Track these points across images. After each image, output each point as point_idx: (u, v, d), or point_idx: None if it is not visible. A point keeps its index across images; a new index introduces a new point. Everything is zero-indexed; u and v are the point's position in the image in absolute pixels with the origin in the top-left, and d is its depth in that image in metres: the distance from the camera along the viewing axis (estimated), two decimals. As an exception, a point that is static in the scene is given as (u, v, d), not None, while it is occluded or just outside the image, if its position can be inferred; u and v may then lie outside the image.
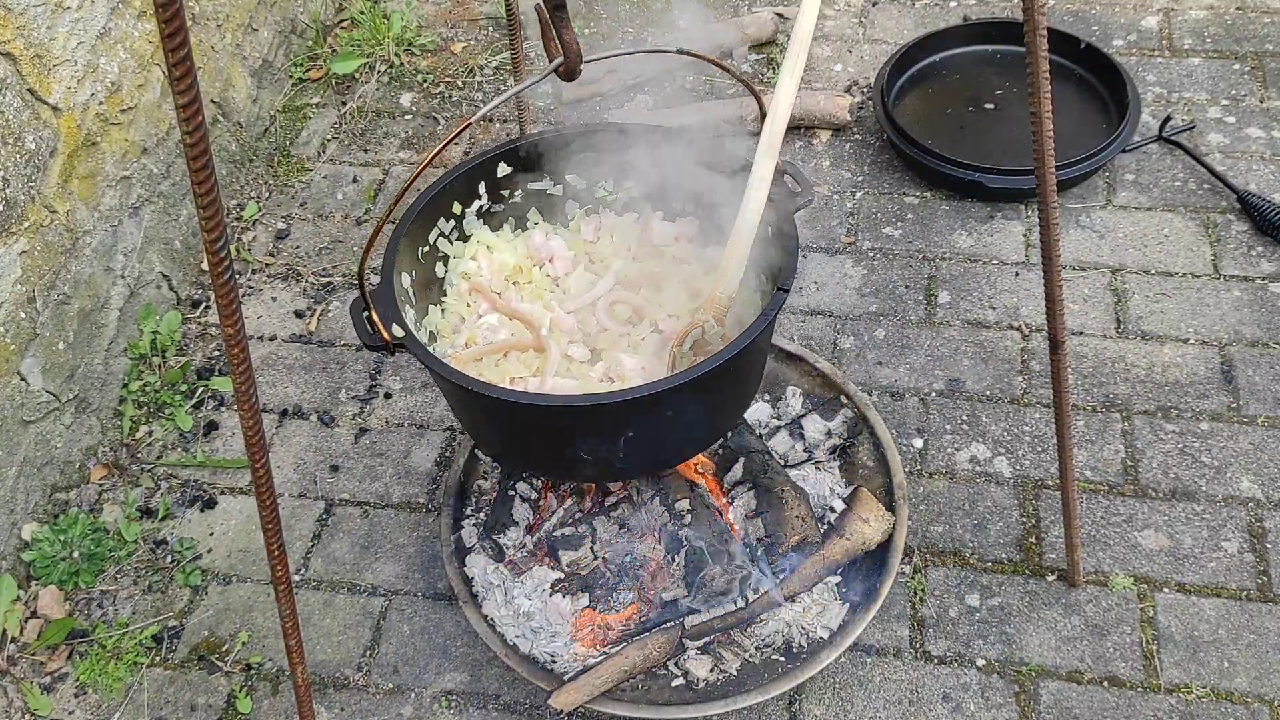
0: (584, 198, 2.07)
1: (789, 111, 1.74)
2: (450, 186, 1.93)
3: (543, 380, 1.83)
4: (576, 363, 1.88)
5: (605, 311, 1.94)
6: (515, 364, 1.87)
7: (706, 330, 1.76)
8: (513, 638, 2.03)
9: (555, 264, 2.03)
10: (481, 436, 1.92)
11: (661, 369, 1.81)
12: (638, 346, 1.89)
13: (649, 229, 2.03)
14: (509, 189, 2.01)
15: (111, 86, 2.54)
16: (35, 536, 2.32)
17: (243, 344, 1.26)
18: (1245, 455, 2.28)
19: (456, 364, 1.75)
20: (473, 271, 1.99)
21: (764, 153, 1.73)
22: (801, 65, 1.73)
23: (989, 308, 2.62)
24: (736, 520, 2.07)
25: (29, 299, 2.30)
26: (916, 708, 2.00)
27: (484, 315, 1.95)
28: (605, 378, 1.84)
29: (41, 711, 2.13)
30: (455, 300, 1.97)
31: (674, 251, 2.01)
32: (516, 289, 2.01)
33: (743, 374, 1.80)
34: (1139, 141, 2.92)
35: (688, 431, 1.80)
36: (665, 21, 3.53)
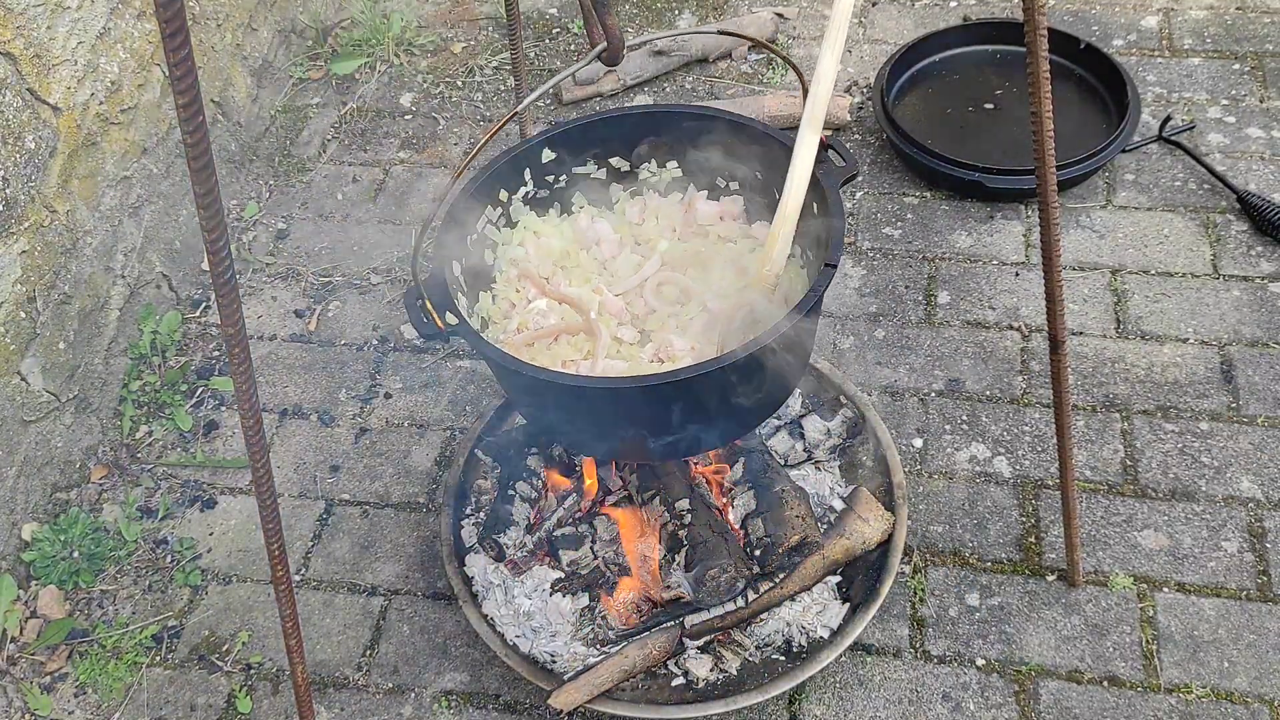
0: (628, 180, 2.08)
1: (831, 86, 1.74)
2: (496, 174, 1.94)
3: (594, 363, 1.83)
4: (626, 345, 1.89)
5: (653, 293, 1.95)
6: (566, 347, 1.87)
7: (755, 308, 1.76)
8: (513, 637, 2.03)
9: (602, 247, 2.03)
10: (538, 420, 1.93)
11: (711, 348, 1.81)
12: (686, 327, 1.89)
13: (693, 209, 2.04)
14: (553, 174, 2.02)
15: (111, 86, 2.54)
16: (35, 536, 2.32)
17: (243, 344, 1.26)
18: (1245, 455, 2.28)
19: (509, 349, 1.76)
20: (521, 258, 2.00)
21: (807, 127, 1.73)
22: (843, 40, 1.72)
23: (989, 308, 2.62)
24: (736, 520, 2.07)
25: (29, 299, 2.30)
26: (916, 707, 2.00)
27: (533, 300, 1.96)
28: (655, 358, 1.85)
29: (41, 711, 2.13)
30: (505, 286, 1.98)
31: (719, 230, 2.02)
32: (564, 273, 2.02)
33: (792, 350, 1.80)
34: (1139, 141, 2.92)
35: (738, 408, 1.80)
36: (666, 21, 3.53)
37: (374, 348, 2.72)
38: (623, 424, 1.74)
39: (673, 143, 2.01)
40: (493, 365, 1.76)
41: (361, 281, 2.87)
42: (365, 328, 2.77)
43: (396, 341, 2.73)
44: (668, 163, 2.05)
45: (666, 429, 1.75)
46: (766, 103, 3.06)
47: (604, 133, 2.01)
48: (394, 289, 2.84)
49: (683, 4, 3.60)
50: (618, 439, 1.78)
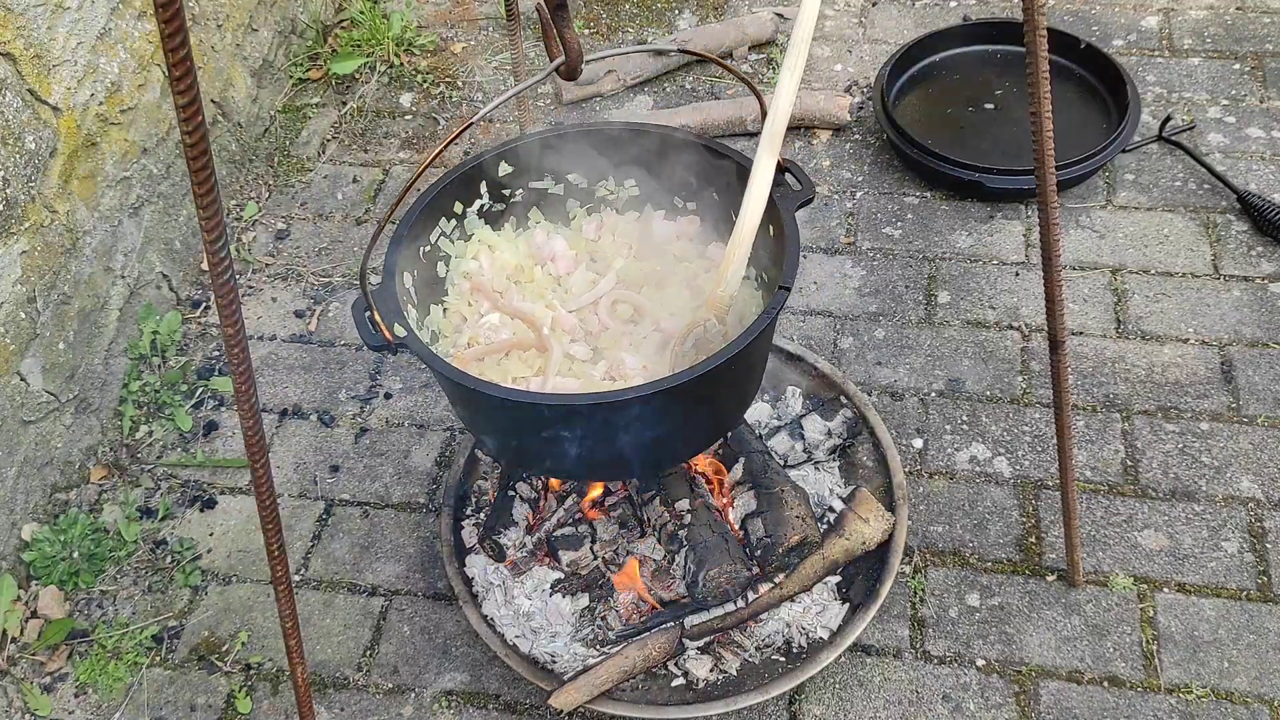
0: (585, 196, 2.07)
1: (790, 109, 1.74)
2: (451, 186, 1.93)
3: (545, 379, 1.83)
4: (578, 362, 1.88)
5: (607, 310, 1.94)
6: (517, 363, 1.87)
7: (708, 329, 1.76)
8: (513, 638, 2.03)
9: (557, 263, 2.03)
10: (483, 436, 1.92)
11: (663, 368, 1.81)
12: (639, 345, 1.89)
13: (650, 227, 2.03)
14: (510, 188, 2.01)
15: (111, 86, 2.54)
16: (35, 536, 2.32)
17: (243, 344, 1.26)
18: (1245, 455, 2.28)
19: (459, 363, 1.76)
20: (474, 271, 1.99)
21: (765, 150, 1.73)
22: (802, 63, 1.73)
23: (989, 308, 2.62)
24: (736, 520, 2.07)
25: (29, 299, 2.30)
26: (916, 708, 2.00)
27: (486, 315, 1.95)
28: (607, 377, 1.84)
29: (41, 711, 2.13)
30: (457, 300, 1.97)
31: (675, 250, 2.01)
32: (518, 288, 2.01)
33: (745, 372, 1.80)
34: (1139, 141, 2.92)
35: (690, 430, 1.80)
36: (666, 21, 3.53)
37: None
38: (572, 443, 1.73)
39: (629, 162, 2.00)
40: (440, 379, 1.75)
41: (361, 281, 2.87)
42: (365, 328, 2.77)
43: (396, 341, 2.73)
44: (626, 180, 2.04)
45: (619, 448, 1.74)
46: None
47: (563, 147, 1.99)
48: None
49: (683, 4, 3.59)
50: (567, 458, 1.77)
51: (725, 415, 1.87)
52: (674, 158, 1.96)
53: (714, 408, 1.79)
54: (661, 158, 1.97)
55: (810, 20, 1.71)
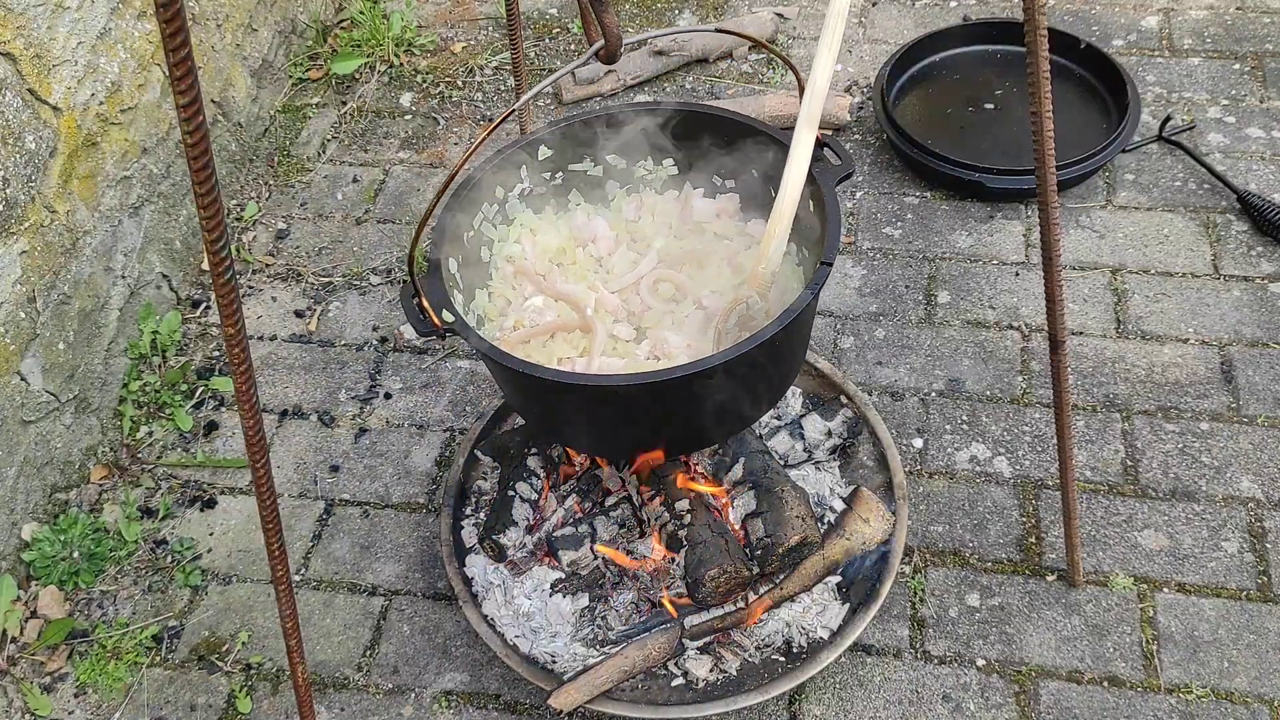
0: (624, 177, 2.08)
1: (827, 85, 1.74)
2: (493, 170, 1.94)
3: (590, 360, 1.83)
4: (622, 342, 1.89)
5: (649, 290, 1.95)
6: (562, 345, 1.88)
7: (751, 306, 1.76)
8: (513, 638, 2.03)
9: (598, 244, 2.03)
10: (533, 418, 1.94)
11: (707, 346, 1.81)
12: (682, 324, 1.90)
13: (689, 206, 2.04)
14: (550, 171, 2.02)
15: (111, 86, 2.54)
16: (35, 536, 2.32)
17: (243, 344, 1.26)
18: (1245, 455, 2.28)
19: (505, 347, 1.76)
20: (517, 254, 2.00)
21: (803, 126, 1.73)
22: (839, 38, 1.72)
23: (989, 308, 2.62)
24: (736, 520, 2.07)
25: (29, 299, 2.30)
26: (916, 708, 2.00)
27: (530, 297, 1.96)
28: (651, 356, 1.85)
29: (41, 711, 2.13)
30: (501, 283, 1.98)
31: (715, 228, 2.02)
32: (561, 270, 2.02)
33: (787, 348, 1.80)
34: (1139, 141, 2.92)
35: (734, 407, 1.80)
36: (666, 21, 3.53)
37: (374, 348, 2.72)
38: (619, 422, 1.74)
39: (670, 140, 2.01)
40: (489, 362, 1.76)
41: (361, 282, 2.87)
42: (365, 328, 2.77)
43: (396, 341, 2.73)
44: (664, 160, 2.05)
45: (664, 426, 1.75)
46: (767, 102, 3.06)
47: (602, 129, 2.01)
48: (394, 289, 2.85)
49: (683, 4, 3.59)
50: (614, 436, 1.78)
51: (769, 391, 1.87)
52: (711, 136, 1.97)
53: (757, 384, 1.79)
54: (699, 136, 1.97)
55: None
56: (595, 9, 1.54)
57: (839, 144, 1.83)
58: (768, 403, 1.91)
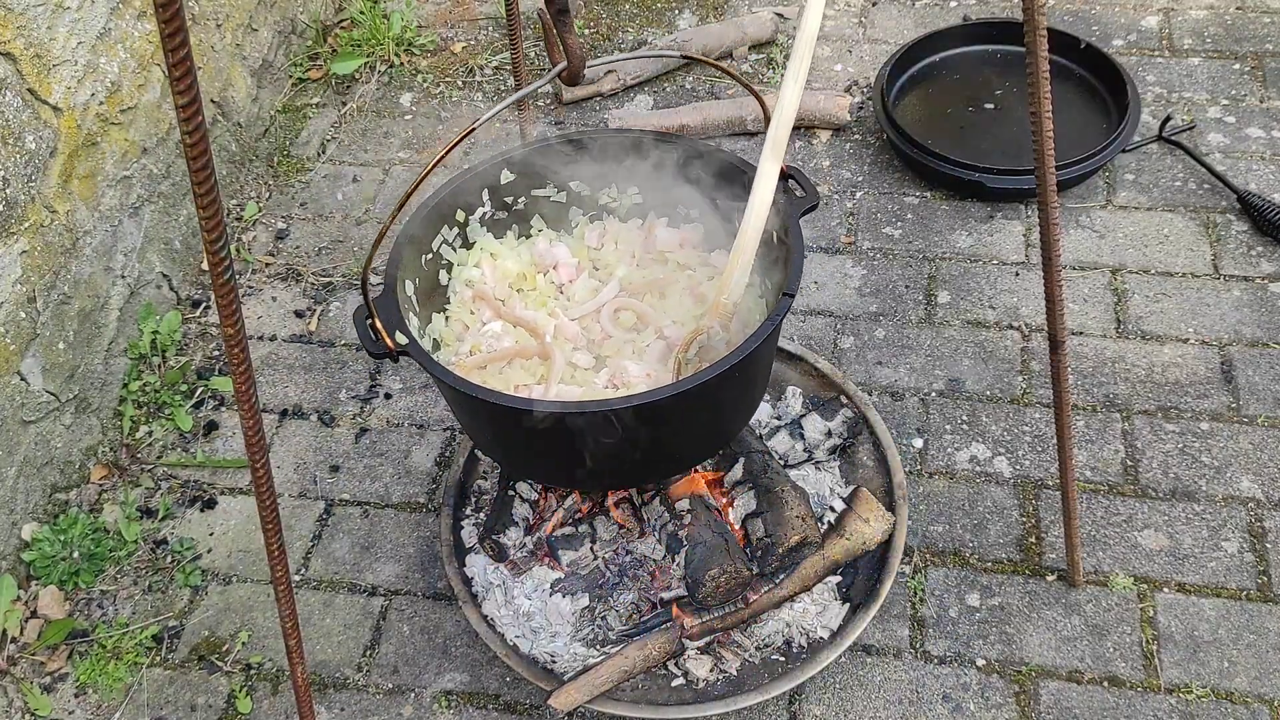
0: (588, 204, 2.07)
1: (794, 115, 1.74)
2: (454, 193, 1.92)
3: (547, 387, 1.82)
4: (581, 370, 1.88)
5: (609, 318, 1.94)
6: (520, 371, 1.86)
7: (711, 336, 1.75)
8: (513, 638, 2.03)
9: (559, 271, 2.02)
10: (486, 444, 1.92)
11: (666, 376, 1.80)
12: (642, 353, 1.89)
13: (653, 235, 2.03)
14: (512, 196, 2.01)
15: (111, 86, 2.54)
16: (35, 536, 2.32)
17: (243, 344, 1.26)
18: (1245, 455, 2.28)
19: (461, 371, 1.75)
20: (476, 279, 1.99)
21: (768, 156, 1.73)
22: (806, 68, 1.72)
23: (989, 308, 2.62)
24: (736, 520, 2.07)
25: (29, 299, 2.30)
26: (916, 708, 2.00)
27: (488, 323, 1.95)
28: (610, 385, 1.84)
29: (41, 711, 2.13)
30: (459, 308, 1.97)
31: (678, 257, 2.01)
32: (520, 296, 2.01)
33: (748, 379, 1.80)
34: (1139, 141, 2.92)
35: (693, 438, 1.79)
36: (666, 21, 3.53)
37: (374, 348, 2.72)
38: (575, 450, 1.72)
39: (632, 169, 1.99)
40: (442, 387, 1.75)
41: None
42: (365, 328, 2.77)
43: (396, 341, 2.73)
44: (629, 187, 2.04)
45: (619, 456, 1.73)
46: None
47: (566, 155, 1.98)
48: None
49: (683, 4, 3.59)
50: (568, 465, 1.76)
51: (728, 422, 1.86)
52: (677, 165, 1.95)
53: (717, 415, 1.78)
54: (665, 165, 1.96)
55: (813, 27, 1.71)
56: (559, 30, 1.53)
57: (803, 175, 1.82)
58: (728, 433, 1.90)
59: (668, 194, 2.01)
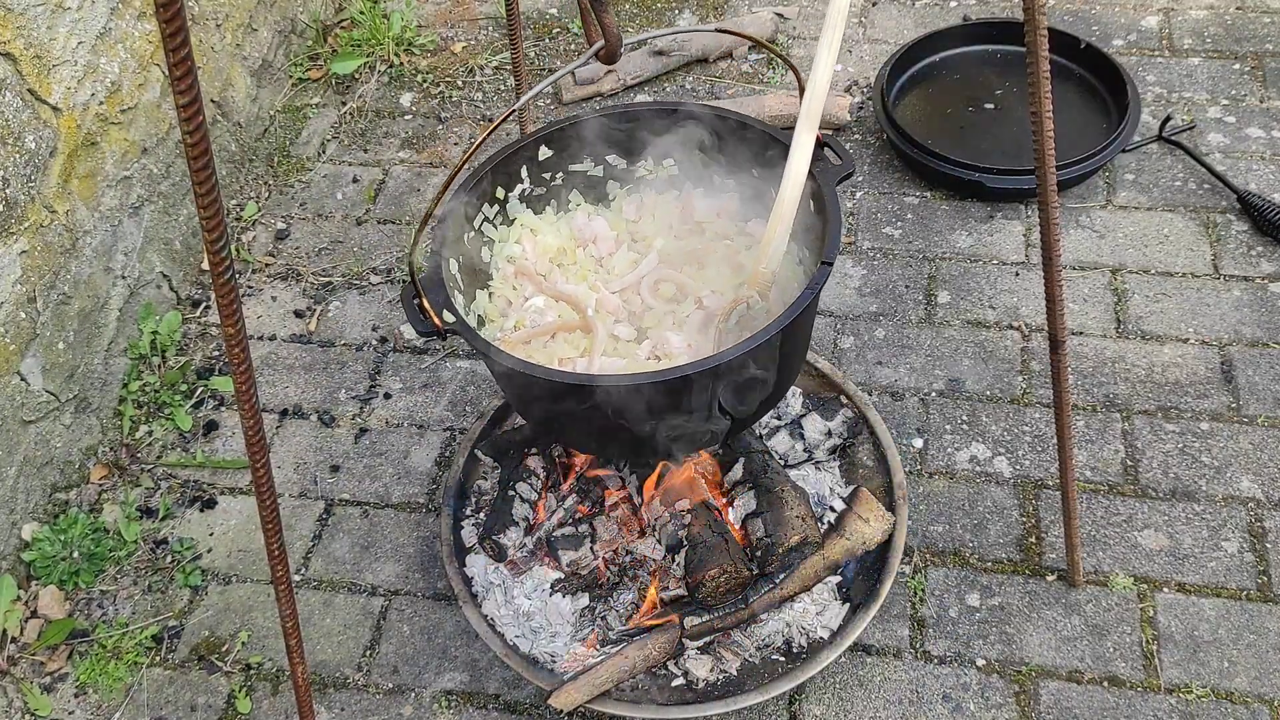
0: (624, 177, 2.08)
1: (828, 84, 1.74)
2: (493, 171, 1.94)
3: (590, 360, 1.83)
4: (623, 342, 1.89)
5: (649, 290, 1.95)
6: (563, 345, 1.88)
7: (751, 305, 1.76)
8: (513, 638, 2.03)
9: (598, 244, 2.03)
10: (534, 418, 1.93)
11: (707, 345, 1.81)
12: (683, 324, 1.90)
13: (690, 206, 2.04)
14: (550, 171, 2.02)
15: (111, 86, 2.54)
16: (35, 536, 2.32)
17: (243, 344, 1.26)
18: (1245, 455, 2.28)
19: (506, 347, 1.77)
20: (517, 255, 2.00)
21: (804, 125, 1.73)
22: (839, 38, 1.72)
23: (989, 308, 2.62)
24: (736, 520, 2.07)
25: (29, 299, 2.30)
26: (916, 708, 2.00)
27: (530, 298, 1.96)
28: (652, 356, 1.85)
29: (41, 711, 2.13)
30: (501, 284, 1.98)
31: (716, 228, 2.02)
32: (561, 271, 2.02)
33: (788, 348, 1.80)
34: (1139, 141, 2.92)
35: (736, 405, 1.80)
36: (666, 21, 3.53)
37: (374, 348, 2.72)
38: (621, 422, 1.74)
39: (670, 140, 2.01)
40: (489, 363, 1.77)
41: (361, 282, 2.87)
42: (365, 328, 2.77)
43: (396, 341, 2.73)
44: (665, 160, 2.05)
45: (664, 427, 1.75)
46: (767, 102, 3.06)
47: (602, 129, 2.00)
48: (394, 289, 2.85)
49: (683, 4, 3.59)
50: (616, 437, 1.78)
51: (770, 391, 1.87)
52: (712, 136, 1.96)
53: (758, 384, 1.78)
54: (699, 136, 1.97)
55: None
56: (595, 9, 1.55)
57: (839, 144, 1.83)
58: (769, 402, 1.91)
59: (703, 165, 2.02)
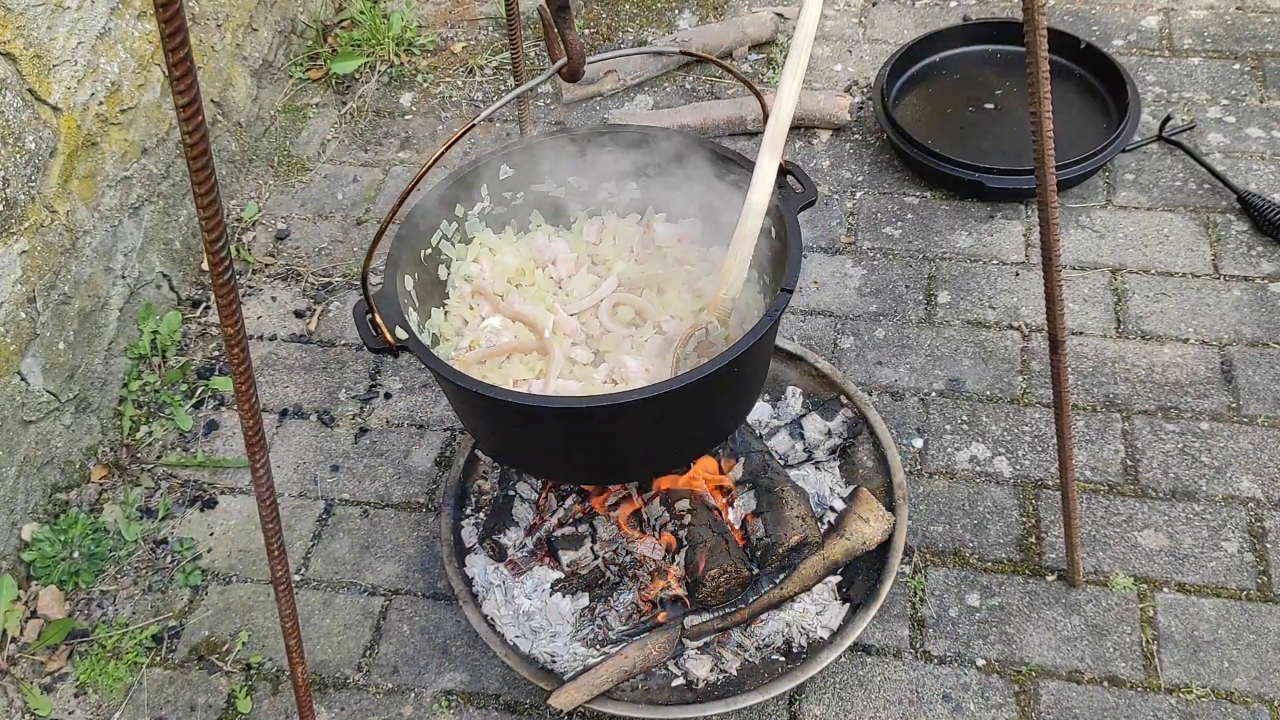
0: (586, 199, 2.07)
1: (791, 112, 1.74)
2: (453, 188, 1.93)
3: (546, 382, 1.82)
4: (580, 365, 1.88)
5: (608, 313, 1.94)
6: (519, 366, 1.87)
7: (710, 331, 1.76)
8: (513, 638, 2.03)
9: (558, 266, 2.03)
10: (485, 439, 1.92)
11: (665, 371, 1.81)
12: (641, 348, 1.89)
13: (651, 230, 2.03)
14: (511, 191, 2.01)
15: (111, 86, 2.54)
16: (35, 536, 2.32)
17: (243, 344, 1.26)
18: (1245, 455, 2.28)
19: (460, 366, 1.76)
20: (475, 274, 1.99)
21: (766, 152, 1.73)
22: (804, 65, 1.73)
23: (989, 308, 2.62)
24: (736, 520, 2.07)
25: (29, 299, 2.30)
26: (916, 708, 2.00)
27: (487, 318, 1.95)
28: (609, 380, 1.84)
29: (41, 711, 2.13)
30: (458, 303, 1.97)
31: (676, 253, 2.01)
32: (519, 291, 2.01)
33: (747, 374, 1.80)
34: (1139, 141, 2.92)
35: (692, 433, 1.80)
36: (666, 21, 3.53)
37: (374, 348, 2.72)
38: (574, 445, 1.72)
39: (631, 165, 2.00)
40: (442, 382, 1.75)
41: (361, 281, 2.87)
42: (365, 328, 2.77)
43: (396, 341, 2.73)
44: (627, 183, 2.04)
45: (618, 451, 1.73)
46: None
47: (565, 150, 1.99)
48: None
49: (683, 4, 3.59)
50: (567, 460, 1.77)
51: (727, 418, 1.87)
52: (675, 160, 1.95)
53: (716, 410, 1.78)
54: (663, 160, 1.96)
55: (811, 24, 1.71)
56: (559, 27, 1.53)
57: (802, 171, 1.82)
58: (726, 428, 1.90)
59: (666, 189, 2.01)
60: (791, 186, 1.81)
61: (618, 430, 1.68)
